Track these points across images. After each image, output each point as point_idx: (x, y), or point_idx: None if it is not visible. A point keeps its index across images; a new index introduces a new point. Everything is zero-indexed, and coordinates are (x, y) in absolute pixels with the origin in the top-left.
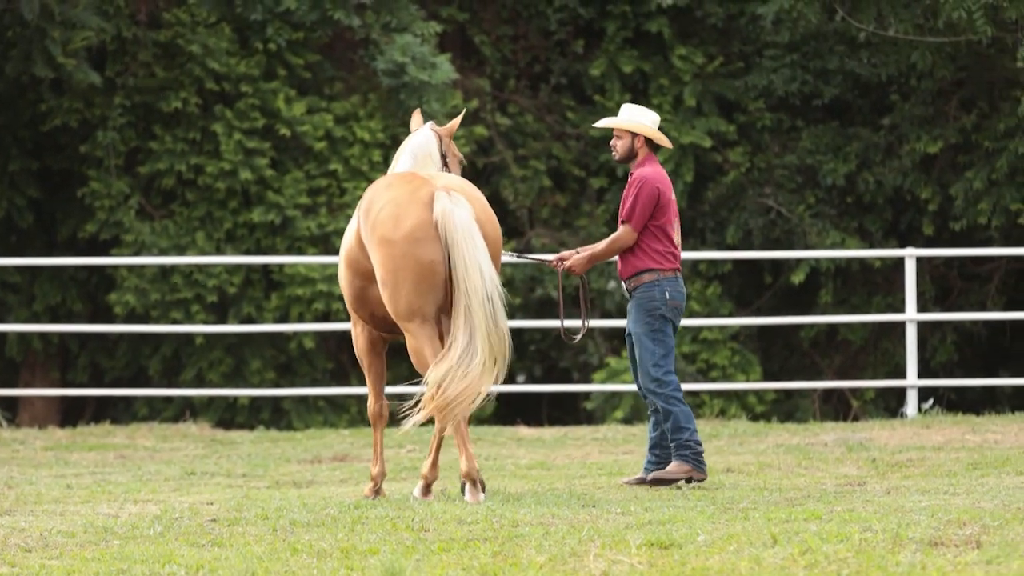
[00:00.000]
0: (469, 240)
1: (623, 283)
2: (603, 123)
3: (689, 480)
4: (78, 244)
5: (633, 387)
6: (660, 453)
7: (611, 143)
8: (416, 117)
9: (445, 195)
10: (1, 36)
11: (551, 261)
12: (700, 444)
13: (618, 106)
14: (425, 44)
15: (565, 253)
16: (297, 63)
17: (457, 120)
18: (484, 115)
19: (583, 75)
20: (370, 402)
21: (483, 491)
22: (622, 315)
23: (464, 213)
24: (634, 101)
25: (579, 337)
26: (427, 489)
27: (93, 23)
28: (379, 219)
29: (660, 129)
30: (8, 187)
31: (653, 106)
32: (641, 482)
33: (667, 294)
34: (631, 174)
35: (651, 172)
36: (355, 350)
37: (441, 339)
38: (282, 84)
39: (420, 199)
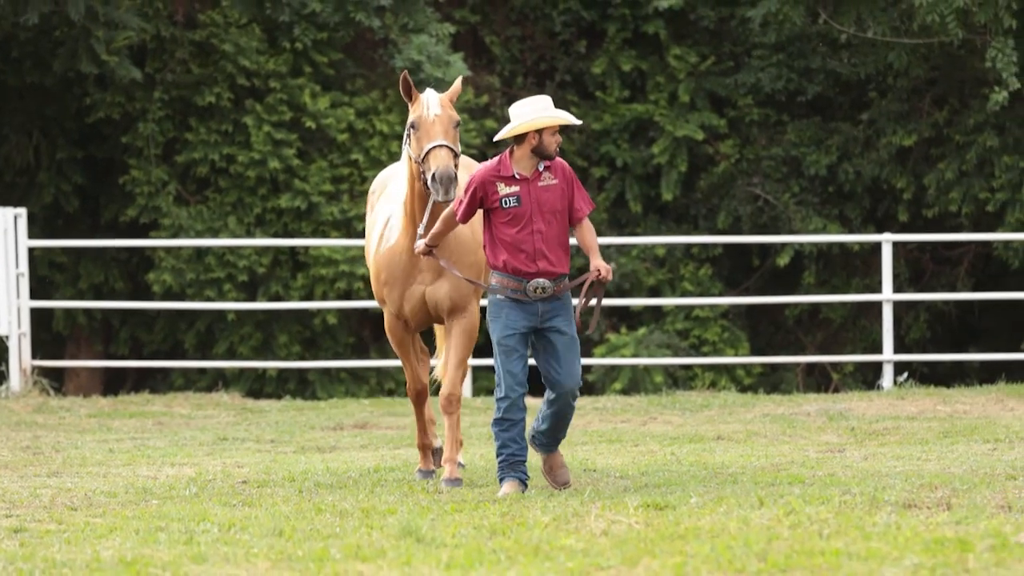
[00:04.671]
0: None
1: (553, 282)
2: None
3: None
4: (120, 227)
5: (631, 360)
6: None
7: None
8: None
9: None
10: (49, 35)
11: (592, 277)
12: None
13: (618, 102)
14: (440, 44)
15: (594, 269)
16: (322, 61)
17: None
18: (494, 109)
19: (585, 73)
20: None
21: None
22: (620, 293)
23: None
24: (632, 98)
25: (592, 328)
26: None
27: (134, 23)
28: None
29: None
30: (56, 174)
31: (650, 102)
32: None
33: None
34: (553, 168)
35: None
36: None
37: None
38: (308, 80)
39: None
